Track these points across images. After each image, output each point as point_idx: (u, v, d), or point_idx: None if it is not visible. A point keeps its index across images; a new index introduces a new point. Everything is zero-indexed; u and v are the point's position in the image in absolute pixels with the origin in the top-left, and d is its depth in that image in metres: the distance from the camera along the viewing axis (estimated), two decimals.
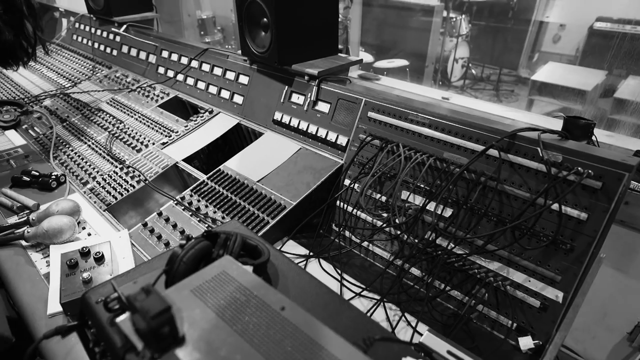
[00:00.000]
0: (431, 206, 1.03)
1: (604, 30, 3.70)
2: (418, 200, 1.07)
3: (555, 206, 0.85)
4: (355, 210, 1.19)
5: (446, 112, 1.10)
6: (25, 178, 1.39)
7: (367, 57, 4.37)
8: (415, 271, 1.05)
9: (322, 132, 1.34)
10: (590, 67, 3.68)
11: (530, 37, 4.77)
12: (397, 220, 1.07)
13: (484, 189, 0.96)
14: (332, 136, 1.31)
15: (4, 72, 2.41)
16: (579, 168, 0.83)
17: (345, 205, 1.21)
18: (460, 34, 4.75)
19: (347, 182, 1.22)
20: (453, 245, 0.98)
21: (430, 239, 1.02)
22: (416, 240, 1.05)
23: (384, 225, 1.11)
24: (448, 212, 1.01)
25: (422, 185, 1.07)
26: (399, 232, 1.09)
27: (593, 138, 0.95)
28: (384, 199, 1.13)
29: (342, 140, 1.29)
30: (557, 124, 0.98)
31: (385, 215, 1.11)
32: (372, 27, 4.54)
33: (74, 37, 2.62)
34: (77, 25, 2.64)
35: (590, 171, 0.82)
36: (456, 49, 4.77)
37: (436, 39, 4.42)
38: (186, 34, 3.89)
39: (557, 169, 0.86)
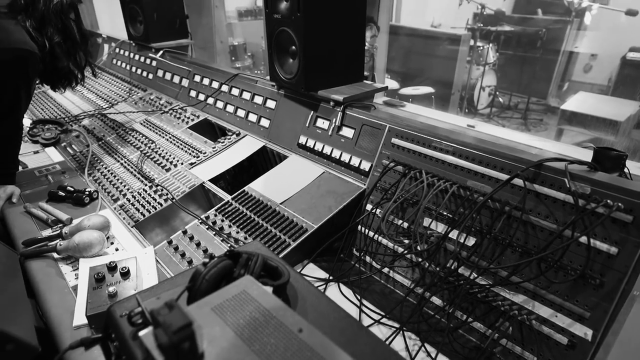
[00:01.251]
0: (454, 234, 1.01)
1: (638, 60, 3.64)
2: (440, 227, 1.06)
3: (583, 239, 0.83)
4: (376, 236, 1.18)
5: (471, 140, 1.09)
6: (61, 193, 1.45)
7: (392, 84, 4.41)
8: (436, 300, 1.03)
9: (345, 157, 1.36)
10: (623, 97, 3.59)
11: (559, 67, 4.72)
12: (418, 247, 1.05)
13: (509, 218, 0.94)
14: (355, 161, 1.33)
15: (49, 92, 2.56)
16: (608, 200, 0.81)
17: (367, 231, 1.21)
18: (487, 63, 4.75)
19: (369, 207, 1.22)
20: (476, 275, 0.96)
21: (452, 267, 1.00)
22: (438, 269, 1.03)
23: (405, 251, 1.10)
24: (471, 241, 0.99)
25: (444, 213, 1.06)
26: (420, 260, 1.07)
27: (625, 170, 0.92)
28: (405, 225, 1.12)
29: (365, 166, 1.30)
30: (587, 155, 0.96)
31: (406, 241, 1.10)
32: (398, 55, 4.61)
33: (114, 61, 2.77)
34: (117, 50, 2.80)
35: (620, 204, 0.79)
36: (483, 77, 4.76)
37: (462, 67, 4.43)
38: (218, 60, 4.05)
39: (585, 200, 0.84)
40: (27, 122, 2.12)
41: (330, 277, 1.14)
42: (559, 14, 4.68)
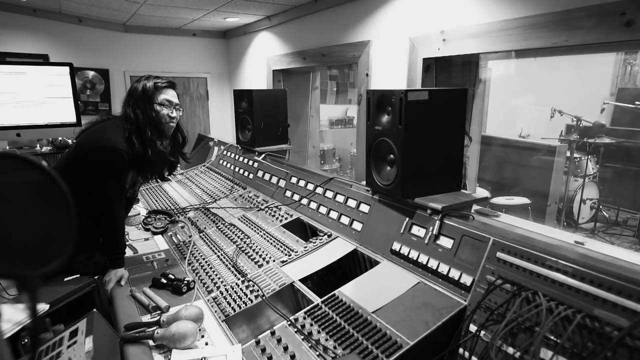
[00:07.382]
0: None
1: None
2: None
3: None
4: None
5: (591, 260, 0.98)
6: (163, 280, 1.55)
7: (483, 193, 4.28)
8: None
9: (443, 268, 1.29)
10: None
11: None
12: None
13: None
14: (454, 273, 1.25)
15: (163, 186, 2.90)
16: None
17: (470, 356, 1.07)
18: (586, 175, 4.46)
19: (472, 327, 1.10)
20: None
21: None
22: None
23: None
24: None
25: (567, 346, 0.91)
26: None
27: None
28: (518, 355, 0.98)
29: (466, 280, 1.21)
30: None
31: None
32: (490, 165, 4.54)
33: (221, 161, 3.11)
34: (225, 152, 3.15)
35: None
36: (583, 189, 4.43)
37: (559, 178, 4.20)
38: (308, 162, 4.35)
39: None
40: (143, 211, 2.39)
41: None
42: None
